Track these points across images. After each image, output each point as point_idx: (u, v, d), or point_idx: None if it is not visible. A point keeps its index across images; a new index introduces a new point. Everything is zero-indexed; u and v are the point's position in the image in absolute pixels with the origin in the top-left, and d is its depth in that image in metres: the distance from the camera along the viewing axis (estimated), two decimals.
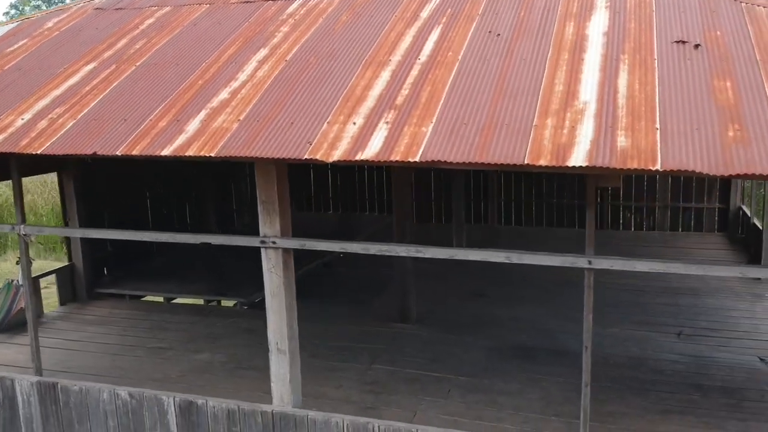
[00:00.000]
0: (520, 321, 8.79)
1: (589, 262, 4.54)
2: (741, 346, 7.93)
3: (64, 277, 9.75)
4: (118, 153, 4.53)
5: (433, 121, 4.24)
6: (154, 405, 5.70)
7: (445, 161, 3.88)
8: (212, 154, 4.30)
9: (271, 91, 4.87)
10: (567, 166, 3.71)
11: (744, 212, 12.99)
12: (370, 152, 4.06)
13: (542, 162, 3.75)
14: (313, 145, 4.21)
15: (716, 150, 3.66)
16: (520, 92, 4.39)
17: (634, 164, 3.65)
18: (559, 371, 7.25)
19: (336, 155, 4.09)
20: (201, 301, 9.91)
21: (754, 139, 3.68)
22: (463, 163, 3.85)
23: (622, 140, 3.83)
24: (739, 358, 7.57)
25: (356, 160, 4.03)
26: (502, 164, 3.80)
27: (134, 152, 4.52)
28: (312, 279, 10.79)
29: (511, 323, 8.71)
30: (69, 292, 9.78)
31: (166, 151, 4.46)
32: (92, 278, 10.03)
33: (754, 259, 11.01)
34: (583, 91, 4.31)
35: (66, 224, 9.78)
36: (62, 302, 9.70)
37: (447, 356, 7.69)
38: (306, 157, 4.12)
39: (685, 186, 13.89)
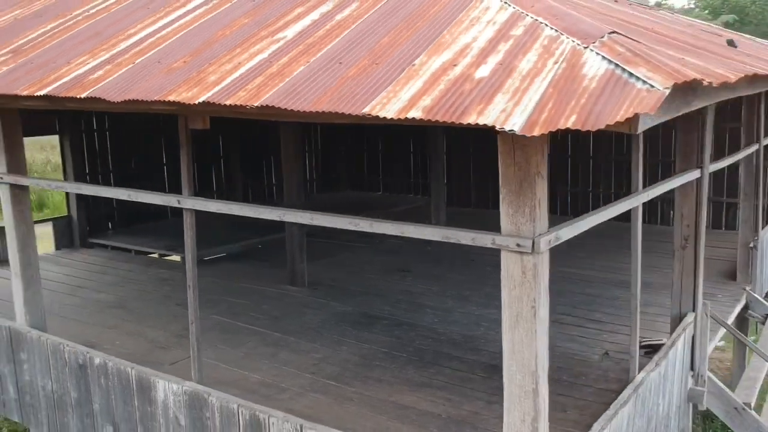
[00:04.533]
0: (409, 295, 8.63)
1: (178, 202, 4.72)
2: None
3: (61, 226, 11.29)
4: None
5: None
6: None
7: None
8: None
9: None
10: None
11: None
12: None
13: None
14: None
15: None
16: None
17: None
18: (377, 339, 7.15)
19: None
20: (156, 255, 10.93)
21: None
22: None
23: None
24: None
25: None
26: None
27: None
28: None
29: (392, 296, 8.57)
30: (66, 240, 11.30)
31: None
32: (88, 230, 11.44)
33: None
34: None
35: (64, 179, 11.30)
36: (57, 247, 11.24)
37: (291, 316, 7.88)
38: None
39: None
